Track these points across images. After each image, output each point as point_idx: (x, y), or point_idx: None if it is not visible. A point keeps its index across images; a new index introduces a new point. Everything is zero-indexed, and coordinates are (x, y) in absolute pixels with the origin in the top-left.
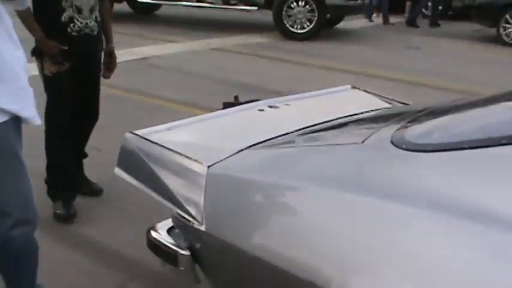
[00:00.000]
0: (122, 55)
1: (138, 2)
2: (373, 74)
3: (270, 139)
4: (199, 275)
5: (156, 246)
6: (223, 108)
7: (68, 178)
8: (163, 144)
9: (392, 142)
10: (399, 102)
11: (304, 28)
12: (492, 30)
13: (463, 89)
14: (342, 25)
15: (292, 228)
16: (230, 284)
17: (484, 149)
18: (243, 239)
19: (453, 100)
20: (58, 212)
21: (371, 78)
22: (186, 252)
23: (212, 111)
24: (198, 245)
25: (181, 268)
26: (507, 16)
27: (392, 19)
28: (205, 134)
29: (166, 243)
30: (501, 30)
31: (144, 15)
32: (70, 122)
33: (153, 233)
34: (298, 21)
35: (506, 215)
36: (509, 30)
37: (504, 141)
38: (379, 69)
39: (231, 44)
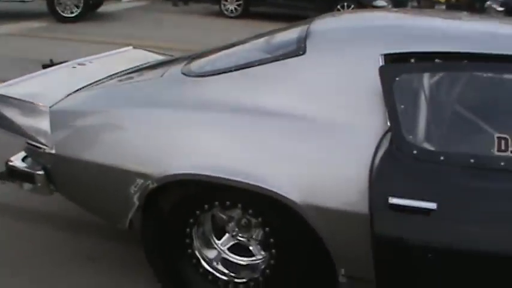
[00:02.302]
0: None
1: None
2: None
3: (88, 85)
4: (52, 188)
5: (15, 172)
6: (43, 69)
7: None
8: (12, 96)
9: (183, 73)
10: (169, 55)
11: (73, 13)
12: (216, 7)
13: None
14: (105, 8)
15: (119, 137)
16: (77, 190)
17: (242, 70)
18: (83, 152)
19: (211, 49)
20: None
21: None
22: (41, 172)
23: None
24: (49, 165)
25: (39, 184)
26: None
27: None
28: (39, 86)
29: (24, 168)
30: (222, 6)
31: None
32: None
33: (11, 163)
34: (67, 7)
35: (270, 109)
36: (228, 6)
37: (256, 64)
38: (136, 40)
39: (17, 29)
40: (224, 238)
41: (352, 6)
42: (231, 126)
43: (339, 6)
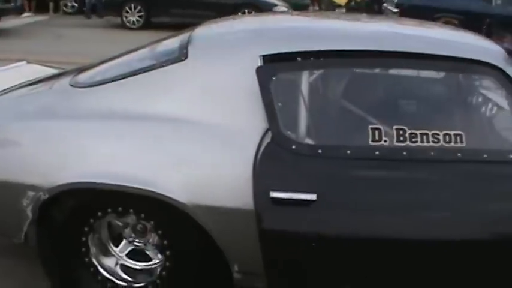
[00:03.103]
0: None
1: None
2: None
3: None
4: None
5: None
6: None
7: None
8: None
9: (71, 85)
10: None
11: None
12: (118, 19)
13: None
14: (2, 24)
15: (9, 151)
16: None
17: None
18: None
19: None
20: None
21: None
22: None
23: None
24: None
25: None
26: (126, 8)
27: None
28: None
29: None
30: (124, 18)
31: None
32: None
33: None
34: None
35: (156, 114)
36: (129, 18)
37: (142, 71)
38: (34, 55)
39: None
40: (121, 244)
41: (253, 13)
42: (119, 133)
43: (239, 14)
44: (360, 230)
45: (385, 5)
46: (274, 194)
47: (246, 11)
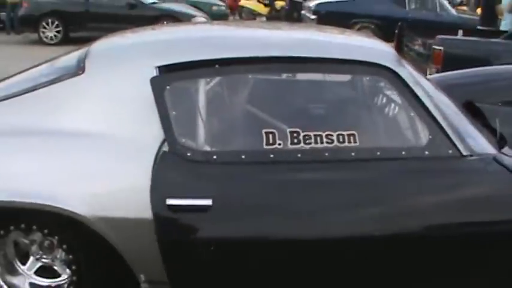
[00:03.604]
0: None
1: None
2: None
3: None
4: None
5: None
6: None
7: None
8: None
9: None
10: None
11: None
12: (35, 35)
13: None
14: None
15: None
16: None
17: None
18: None
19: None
20: None
21: None
22: None
23: None
24: None
25: None
26: (43, 23)
27: None
28: None
29: None
30: (41, 34)
31: None
32: None
33: None
34: None
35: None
36: (47, 33)
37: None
38: None
39: None
40: (29, 262)
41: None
42: (18, 149)
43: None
44: (257, 233)
45: (303, 12)
46: (171, 201)
47: (165, 22)
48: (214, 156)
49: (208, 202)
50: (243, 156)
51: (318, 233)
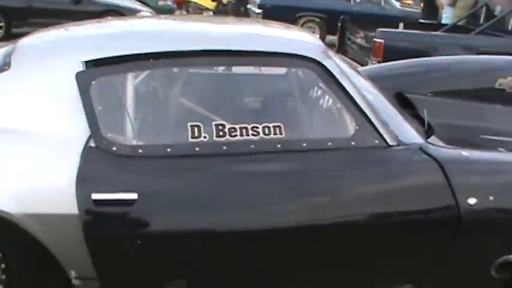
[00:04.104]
0: None
1: None
2: None
3: None
4: None
5: None
6: None
7: None
8: None
9: None
10: None
11: None
12: None
13: None
14: None
15: None
16: None
17: None
18: None
19: None
20: None
21: None
22: None
23: None
24: None
25: None
26: None
27: None
28: None
29: None
30: None
31: None
32: None
33: None
34: None
35: None
36: None
37: None
38: None
39: None
40: None
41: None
42: None
43: None
44: (183, 225)
45: (249, 6)
46: (96, 196)
47: (110, 18)
48: (140, 150)
49: (133, 196)
50: (169, 150)
51: (242, 225)
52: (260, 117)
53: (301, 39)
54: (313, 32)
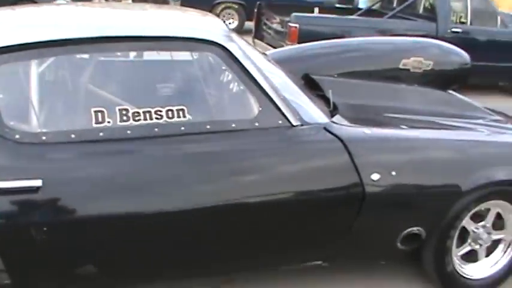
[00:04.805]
0: None
1: None
2: None
3: None
4: None
5: None
6: None
7: None
8: None
9: None
10: None
11: None
12: None
13: None
14: None
15: None
16: None
17: None
18: None
19: None
20: None
21: None
22: None
23: None
24: None
25: None
26: None
27: None
28: None
29: None
30: None
31: None
32: None
33: None
34: None
35: None
36: None
37: None
38: None
39: None
40: None
41: None
42: None
43: None
44: (88, 211)
45: None
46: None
47: (23, 5)
48: (44, 137)
49: (38, 183)
50: (73, 136)
51: (147, 208)
52: (164, 101)
53: (205, 24)
54: (232, 19)
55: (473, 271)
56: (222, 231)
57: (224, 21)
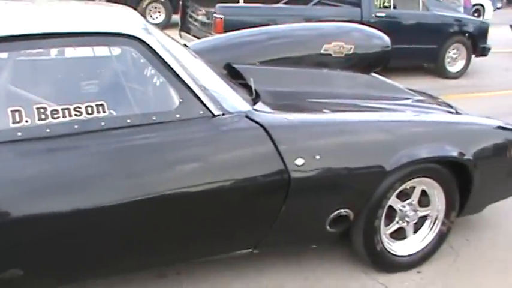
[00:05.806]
0: None
1: None
2: None
3: None
4: None
5: None
6: None
7: None
8: None
9: None
10: None
11: None
12: None
13: None
14: None
15: None
16: None
17: None
18: None
19: None
20: None
21: None
22: None
23: None
24: None
25: None
26: None
27: None
28: None
29: None
30: None
31: None
32: None
33: None
34: None
35: None
36: None
37: None
38: None
39: None
40: None
41: None
42: None
43: None
44: (13, 211)
45: None
46: None
47: None
48: None
49: None
50: None
51: (71, 206)
52: (84, 98)
53: (121, 18)
54: (158, 13)
55: (402, 248)
56: (148, 225)
57: (151, 16)
